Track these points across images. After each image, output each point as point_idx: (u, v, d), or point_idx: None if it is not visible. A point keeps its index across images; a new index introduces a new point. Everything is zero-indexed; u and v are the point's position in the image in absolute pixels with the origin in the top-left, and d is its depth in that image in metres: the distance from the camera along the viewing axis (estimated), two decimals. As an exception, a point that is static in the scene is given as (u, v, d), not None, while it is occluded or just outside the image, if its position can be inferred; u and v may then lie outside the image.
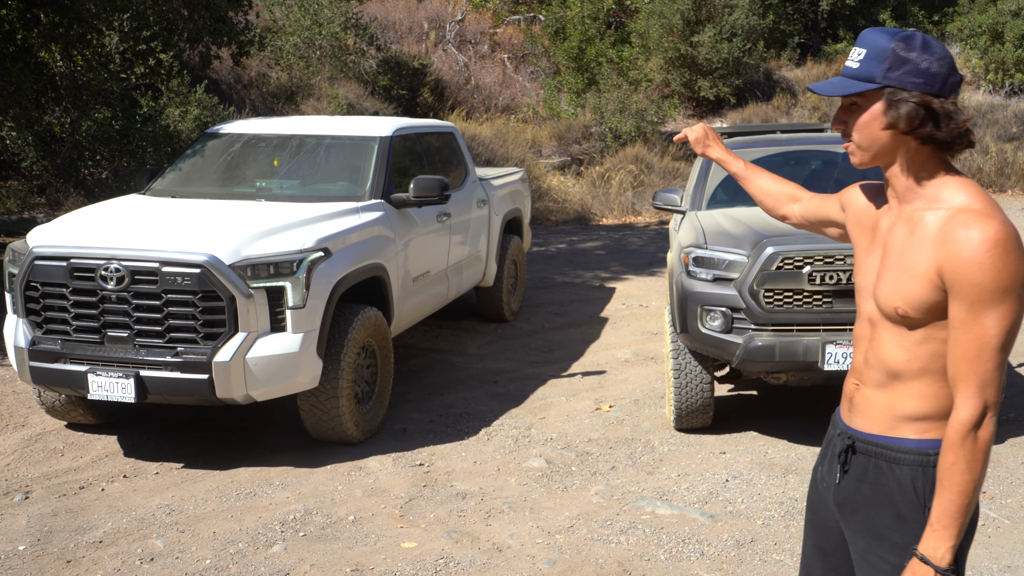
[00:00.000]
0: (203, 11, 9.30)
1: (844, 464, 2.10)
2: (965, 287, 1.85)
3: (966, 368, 1.85)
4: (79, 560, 4.20)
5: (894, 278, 1.98)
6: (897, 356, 1.99)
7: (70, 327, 5.14)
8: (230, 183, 6.55)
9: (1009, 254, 1.83)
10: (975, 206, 1.90)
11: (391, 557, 4.17)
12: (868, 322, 2.08)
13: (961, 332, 1.86)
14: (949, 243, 1.87)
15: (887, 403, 2.02)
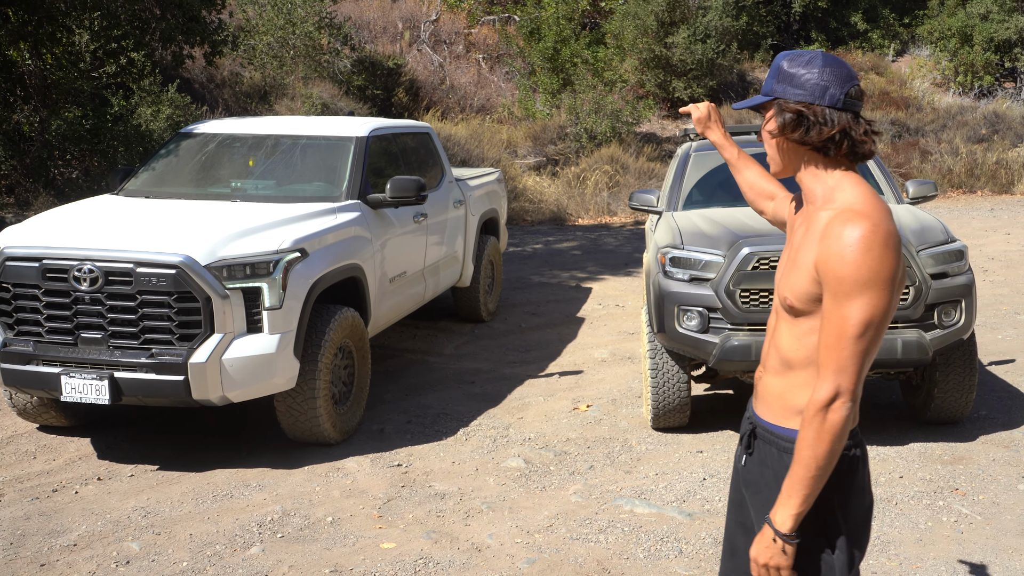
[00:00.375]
0: (176, 10, 9.21)
1: (749, 447, 2.24)
2: (830, 279, 1.98)
3: (826, 354, 1.98)
4: (53, 564, 4.15)
5: (789, 272, 2.12)
6: (789, 345, 2.13)
7: (42, 328, 5.08)
8: (204, 183, 6.50)
9: (871, 250, 1.94)
10: (855, 206, 2.02)
11: (370, 558, 4.15)
12: (775, 313, 2.24)
13: (826, 321, 2.00)
14: (824, 239, 2.01)
15: (781, 392, 2.15)
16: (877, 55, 23.33)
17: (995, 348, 7.39)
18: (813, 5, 23.27)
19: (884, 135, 18.81)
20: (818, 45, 23.34)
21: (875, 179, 6.48)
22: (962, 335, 5.26)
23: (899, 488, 4.82)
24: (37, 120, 13.01)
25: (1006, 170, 17.18)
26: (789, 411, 2.13)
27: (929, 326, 5.19)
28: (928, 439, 5.49)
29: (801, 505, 2.01)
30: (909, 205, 6.23)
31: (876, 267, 1.94)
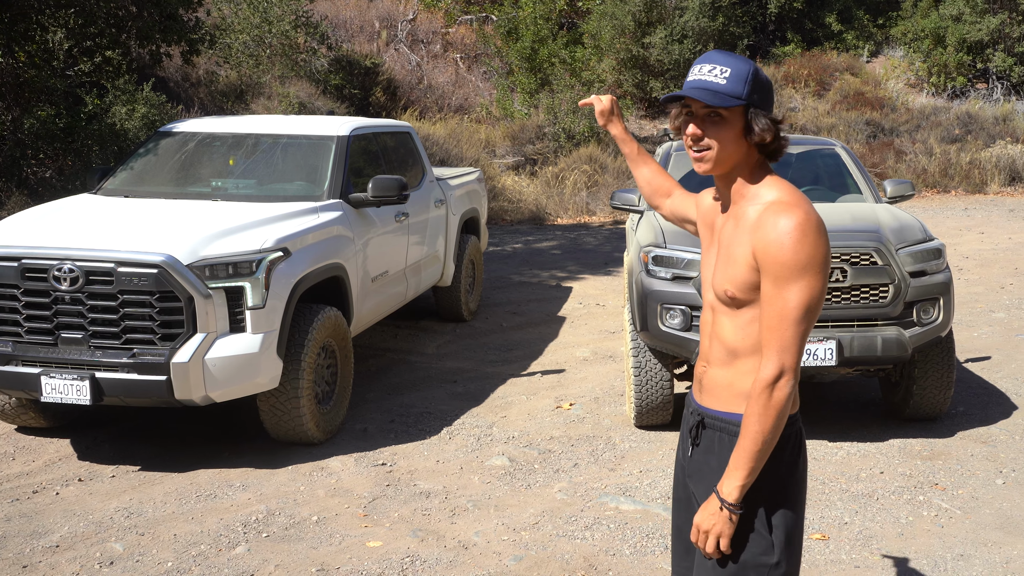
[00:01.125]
0: (153, 8, 9.13)
1: (695, 439, 2.33)
2: (770, 264, 2.11)
3: (769, 335, 2.12)
4: (36, 565, 4.11)
5: (724, 267, 2.23)
6: (733, 336, 2.24)
7: (22, 329, 5.03)
8: (184, 182, 6.45)
9: (807, 236, 2.09)
10: (784, 199, 2.17)
11: (357, 556, 4.15)
12: (710, 309, 2.32)
13: (767, 305, 2.13)
14: (760, 229, 2.14)
15: (729, 381, 2.26)
16: (852, 56, 23.54)
17: (971, 345, 7.48)
18: (788, 6, 23.46)
19: (859, 135, 18.99)
20: (793, 46, 23.54)
21: (854, 178, 6.55)
22: (940, 332, 5.32)
23: (880, 483, 4.88)
24: (9, 119, 12.87)
25: (979, 170, 17.39)
26: (738, 397, 2.23)
27: (908, 324, 5.25)
28: (907, 435, 5.55)
29: (747, 477, 2.13)
30: (887, 204, 6.29)
31: (812, 252, 2.09)
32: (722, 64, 2.19)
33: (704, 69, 2.20)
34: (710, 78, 2.19)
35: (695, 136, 2.21)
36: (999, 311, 8.70)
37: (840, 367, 5.21)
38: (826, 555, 4.11)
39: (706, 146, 2.20)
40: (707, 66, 2.20)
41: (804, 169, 6.69)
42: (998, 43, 21.25)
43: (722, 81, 2.17)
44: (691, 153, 2.23)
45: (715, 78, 2.18)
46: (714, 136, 2.19)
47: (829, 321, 5.20)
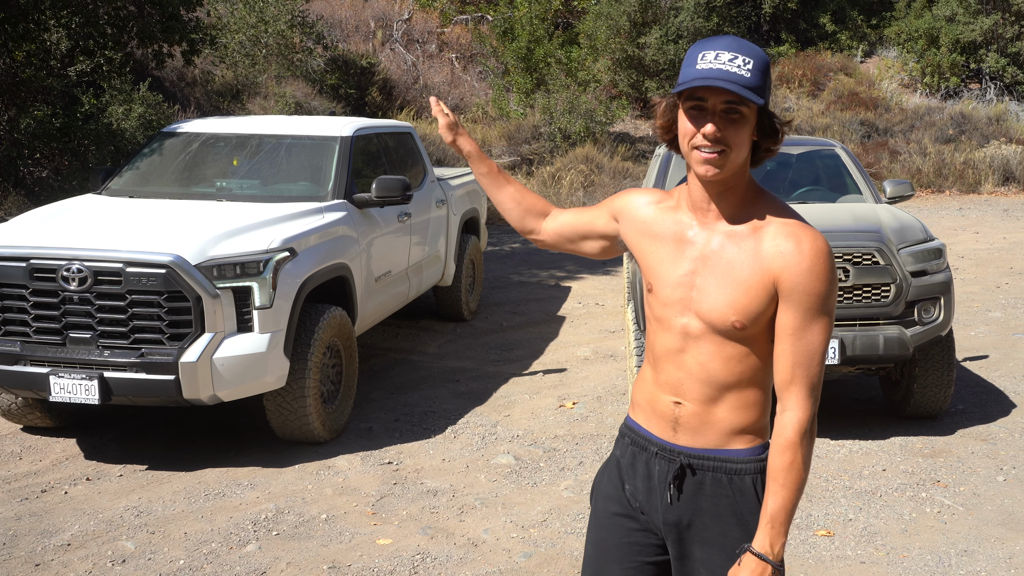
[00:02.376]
0: (154, 8, 9.15)
1: (679, 486, 2.08)
2: (802, 295, 1.92)
3: (800, 372, 1.93)
4: (48, 563, 4.14)
5: (725, 293, 1.98)
6: (725, 369, 2.01)
7: (30, 329, 5.05)
8: (189, 183, 6.48)
9: (833, 265, 1.94)
10: (798, 221, 1.98)
11: (367, 554, 4.18)
12: (682, 336, 2.04)
13: (794, 338, 1.93)
14: (787, 255, 1.93)
15: (720, 417, 2.04)
16: (846, 56, 23.65)
17: (968, 344, 7.55)
18: (783, 6, 23.55)
19: (853, 135, 19.09)
20: (788, 46, 23.63)
21: (854, 179, 6.61)
22: (941, 331, 5.38)
23: (883, 480, 4.93)
24: (6, 118, 12.86)
25: (973, 170, 17.49)
26: (730, 434, 2.05)
27: (909, 323, 5.31)
28: (908, 433, 5.61)
29: (787, 531, 1.98)
30: (887, 204, 6.35)
31: (835, 283, 1.95)
32: (744, 53, 1.90)
33: (724, 58, 1.89)
34: (733, 68, 1.88)
35: (714, 136, 1.90)
36: (995, 310, 8.78)
37: (842, 366, 5.27)
38: (832, 551, 4.16)
39: (724, 147, 1.91)
40: (726, 54, 1.89)
41: (804, 169, 6.74)
42: (991, 44, 21.37)
43: (746, 73, 1.88)
44: (700, 155, 1.92)
45: (739, 69, 1.89)
46: (734, 136, 1.91)
47: (832, 320, 5.25)
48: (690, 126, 1.93)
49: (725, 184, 1.98)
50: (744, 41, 1.93)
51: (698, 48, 1.95)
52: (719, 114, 1.91)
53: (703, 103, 1.91)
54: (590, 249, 2.33)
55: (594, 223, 2.29)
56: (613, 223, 2.24)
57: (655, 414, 2.12)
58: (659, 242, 2.09)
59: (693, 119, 1.93)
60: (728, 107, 1.90)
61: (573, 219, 2.34)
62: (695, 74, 1.90)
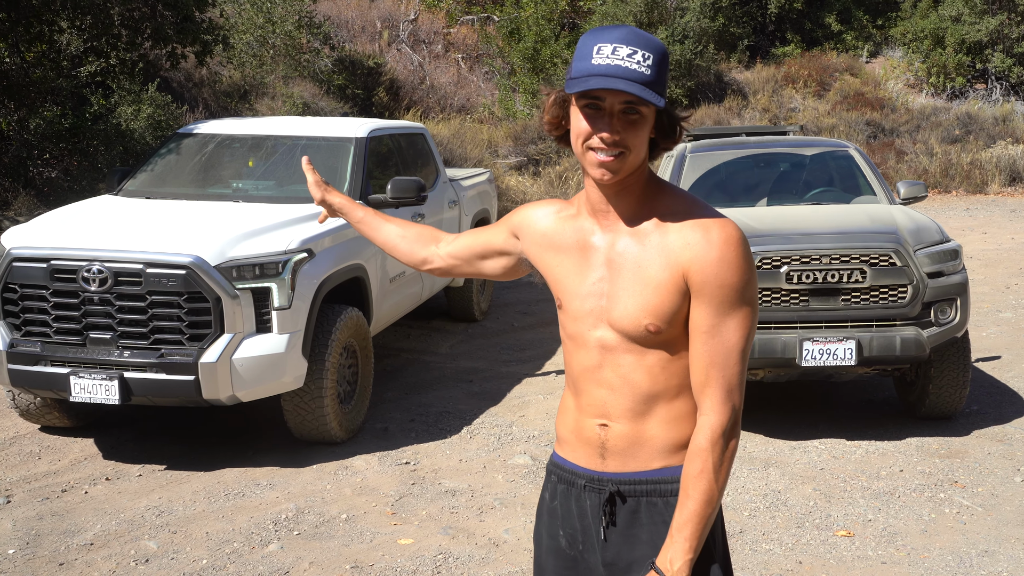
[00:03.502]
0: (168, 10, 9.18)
1: (611, 517, 1.89)
2: (712, 288, 1.76)
3: (715, 373, 1.78)
4: (72, 563, 4.16)
5: (635, 296, 1.82)
6: (650, 379, 1.85)
7: (50, 329, 5.07)
8: (205, 184, 6.50)
9: (748, 254, 1.79)
10: (704, 210, 1.83)
11: (389, 554, 4.20)
12: (599, 350, 1.88)
13: (708, 336, 1.78)
14: (694, 246, 1.77)
15: (650, 434, 1.87)
16: (851, 56, 23.65)
17: (980, 345, 7.56)
18: (788, 6, 23.56)
19: (859, 135, 19.10)
20: (793, 46, 23.63)
21: (868, 180, 6.62)
22: (957, 332, 5.40)
23: (900, 481, 4.95)
24: (16, 118, 12.89)
25: (980, 170, 17.49)
26: (664, 452, 1.86)
27: (926, 324, 5.32)
28: (924, 434, 5.62)
29: (699, 544, 1.78)
30: (901, 205, 6.36)
31: (752, 273, 1.79)
32: (643, 47, 1.73)
33: (622, 52, 1.72)
34: (632, 65, 1.71)
35: (611, 140, 1.75)
36: (1006, 311, 8.78)
37: (859, 367, 5.28)
38: (852, 551, 4.18)
39: (622, 150, 1.76)
40: (624, 48, 1.72)
41: (817, 171, 6.76)
42: (997, 44, 21.37)
43: (646, 70, 1.72)
44: (596, 157, 1.77)
45: (638, 66, 1.72)
46: (632, 138, 1.76)
47: (848, 321, 5.27)
48: (585, 126, 1.77)
49: (623, 184, 1.83)
50: (641, 32, 1.76)
51: (592, 39, 1.76)
52: (617, 115, 1.75)
53: (600, 102, 1.75)
54: (491, 270, 2.16)
55: (491, 241, 2.14)
56: (513, 240, 2.08)
57: (581, 442, 1.94)
58: (563, 254, 1.93)
59: (588, 118, 1.77)
60: (627, 107, 1.74)
61: (469, 240, 2.20)
62: (591, 69, 1.73)
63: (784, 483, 4.92)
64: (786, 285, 5.21)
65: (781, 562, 4.09)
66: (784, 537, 4.31)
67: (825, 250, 5.22)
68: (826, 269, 5.21)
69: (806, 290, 5.23)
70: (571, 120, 1.82)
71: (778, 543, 4.26)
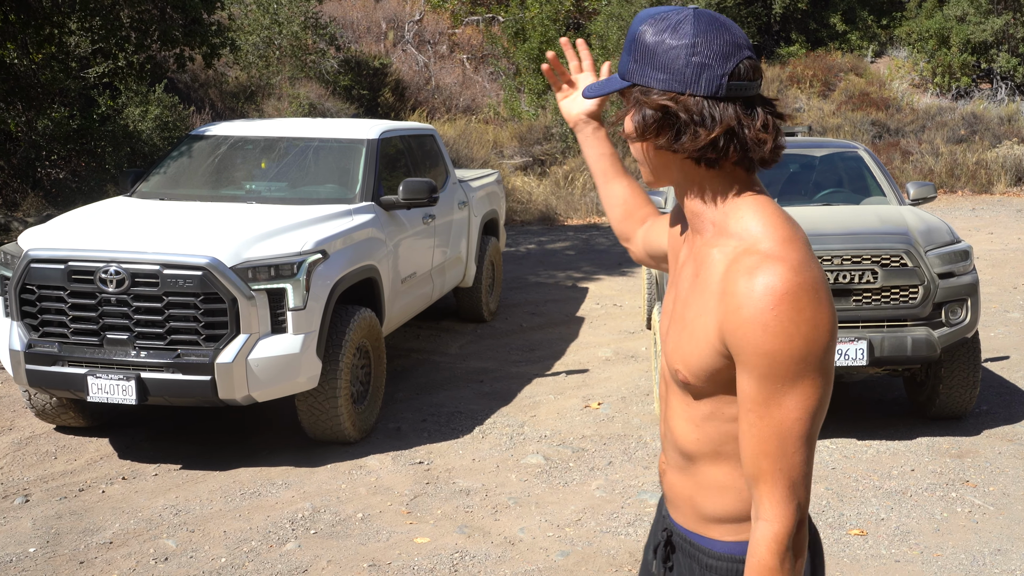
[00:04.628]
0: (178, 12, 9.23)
1: (666, 559, 1.68)
2: (750, 356, 1.39)
3: (769, 464, 1.39)
4: (92, 561, 4.20)
5: (674, 334, 1.54)
6: (685, 433, 1.57)
7: (68, 330, 5.12)
8: (218, 185, 6.55)
9: (803, 312, 1.36)
10: (764, 244, 1.42)
11: (406, 552, 4.24)
12: (663, 381, 1.65)
13: (755, 416, 1.40)
14: (728, 296, 1.41)
15: (689, 494, 1.60)
16: (856, 56, 23.66)
17: (988, 345, 7.58)
18: (793, 6, 23.58)
19: (865, 135, 19.11)
20: (798, 46, 23.65)
21: (877, 181, 6.65)
22: (968, 332, 5.43)
23: (912, 480, 4.98)
24: (23, 120, 12.95)
25: (985, 170, 17.51)
26: (702, 519, 1.59)
27: (937, 324, 5.35)
28: (934, 434, 5.65)
29: None
30: (911, 206, 6.39)
31: (813, 333, 1.37)
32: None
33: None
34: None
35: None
36: (1014, 311, 8.81)
37: (870, 367, 5.31)
38: (866, 550, 4.21)
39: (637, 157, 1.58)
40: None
41: (827, 171, 6.79)
42: (1002, 44, 21.38)
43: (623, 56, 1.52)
44: None
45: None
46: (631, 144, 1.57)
47: (860, 322, 5.30)
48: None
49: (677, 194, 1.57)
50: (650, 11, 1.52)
51: None
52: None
53: None
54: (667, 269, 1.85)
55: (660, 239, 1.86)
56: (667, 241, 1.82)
57: (659, 472, 1.74)
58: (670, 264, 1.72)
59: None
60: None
61: (652, 234, 1.89)
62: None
63: (796, 482, 4.95)
64: (797, 286, 5.23)
65: (795, 561, 4.12)
66: (797, 536, 4.34)
67: (836, 251, 5.25)
68: (837, 270, 5.24)
69: (817, 291, 5.26)
70: None
71: (792, 542, 4.29)
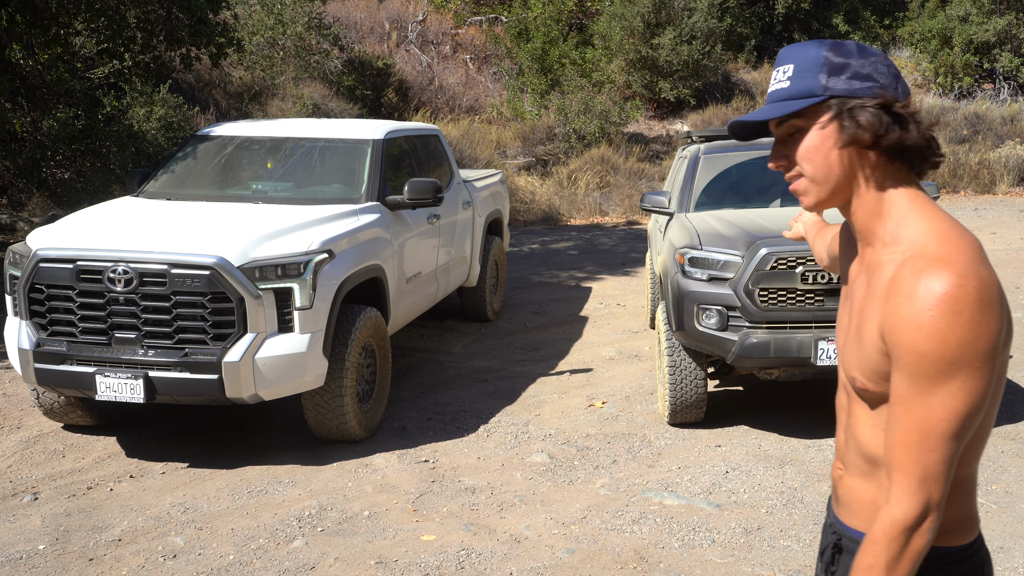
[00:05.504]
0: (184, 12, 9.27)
1: (832, 564, 1.75)
2: (903, 354, 1.48)
3: (905, 456, 1.49)
4: (101, 558, 4.24)
5: (851, 342, 1.65)
6: (871, 439, 1.64)
7: (76, 329, 5.15)
8: (224, 185, 6.59)
9: (960, 314, 1.43)
10: (931, 248, 1.51)
11: (412, 550, 4.28)
12: (844, 392, 1.74)
13: (900, 409, 1.50)
14: (892, 296, 1.52)
15: (871, 496, 1.66)
16: (858, 57, 23.62)
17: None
18: (796, 7, 23.58)
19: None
20: (801, 47, 23.61)
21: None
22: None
23: (914, 479, 5.00)
24: (29, 120, 12.98)
25: (988, 170, 17.53)
26: None
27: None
28: (937, 432, 5.67)
29: None
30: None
31: (969, 337, 1.43)
32: (787, 61, 1.65)
33: (776, 77, 1.67)
34: (777, 86, 1.66)
35: (779, 166, 1.67)
36: (1016, 311, 8.83)
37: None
38: (868, 548, 4.24)
39: (798, 172, 1.65)
40: (778, 71, 1.67)
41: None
42: (1005, 44, 21.37)
43: (785, 84, 1.64)
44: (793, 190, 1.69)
45: (778, 83, 1.66)
46: (797, 156, 1.64)
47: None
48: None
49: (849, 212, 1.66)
50: (799, 46, 1.66)
51: None
52: (782, 140, 1.67)
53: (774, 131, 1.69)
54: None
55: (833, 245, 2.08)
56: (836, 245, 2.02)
57: (832, 481, 1.81)
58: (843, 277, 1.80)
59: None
60: (783, 129, 1.66)
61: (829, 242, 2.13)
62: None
63: (800, 480, 4.98)
64: (801, 285, 5.27)
65: (799, 558, 4.15)
66: (802, 534, 4.37)
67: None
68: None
69: (821, 290, 5.29)
70: None
71: (796, 540, 4.32)
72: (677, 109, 20.55)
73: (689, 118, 20.19)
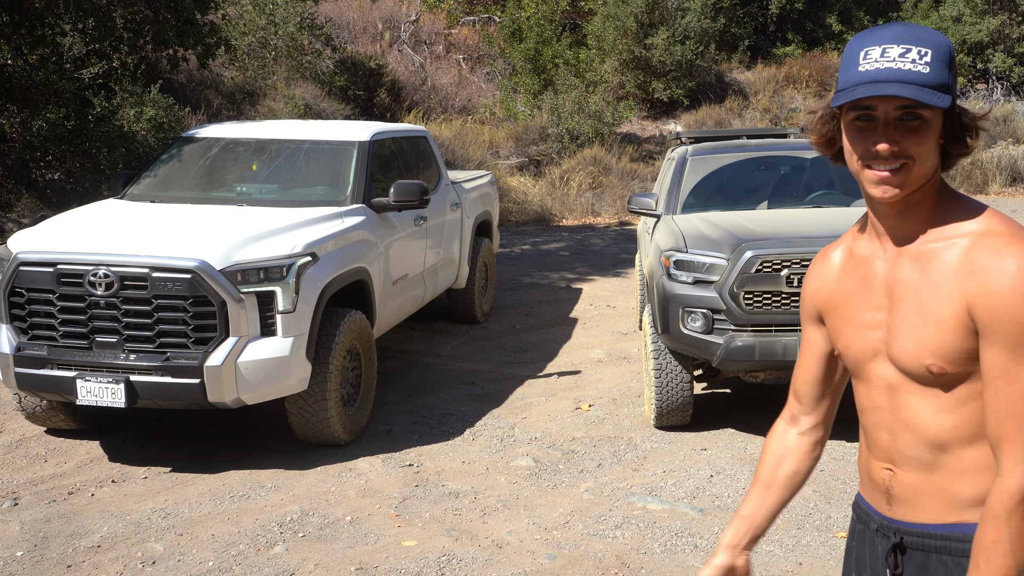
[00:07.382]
0: (170, 13, 9.23)
1: (896, 567, 1.74)
2: (1004, 325, 1.53)
3: (1013, 427, 1.54)
4: (80, 565, 4.21)
5: (914, 331, 1.64)
6: (939, 424, 1.65)
7: (57, 333, 5.12)
8: (209, 187, 6.55)
9: None
10: (999, 228, 1.60)
11: (393, 556, 4.25)
12: (883, 389, 1.73)
13: (1003, 383, 1.54)
14: (980, 275, 1.56)
15: (940, 485, 1.68)
16: (852, 57, 23.63)
17: None
18: (789, 7, 23.58)
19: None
20: (794, 46, 23.65)
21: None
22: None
23: (899, 483, 4.98)
24: (18, 121, 12.93)
25: (980, 170, 17.53)
26: (957, 505, 1.67)
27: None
28: (923, 435, 5.66)
29: None
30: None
31: None
32: (918, 43, 1.57)
33: (893, 53, 1.57)
34: (907, 66, 1.56)
35: (890, 152, 1.59)
36: (1006, 312, 8.82)
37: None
38: (851, 553, 4.21)
39: (904, 161, 1.60)
40: (895, 48, 1.57)
41: (818, 173, 6.79)
42: (998, 44, 21.39)
43: (924, 68, 1.56)
44: (874, 174, 1.62)
45: (914, 65, 1.56)
46: (916, 146, 1.59)
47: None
48: (859, 140, 1.63)
49: (908, 202, 1.65)
50: (915, 27, 1.60)
51: (859, 43, 1.63)
52: (892, 123, 1.59)
53: (872, 111, 1.60)
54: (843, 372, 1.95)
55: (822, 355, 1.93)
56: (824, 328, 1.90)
57: (871, 484, 1.81)
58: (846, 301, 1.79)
59: (861, 132, 1.63)
60: (904, 112, 1.58)
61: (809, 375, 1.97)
62: (858, 77, 1.59)
63: (784, 485, 4.95)
64: (787, 288, 5.25)
65: (781, 563, 4.13)
66: (784, 539, 4.35)
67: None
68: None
69: (806, 293, 5.27)
70: (844, 136, 1.68)
71: (778, 544, 4.30)
72: (670, 109, 20.54)
73: (682, 118, 20.18)
